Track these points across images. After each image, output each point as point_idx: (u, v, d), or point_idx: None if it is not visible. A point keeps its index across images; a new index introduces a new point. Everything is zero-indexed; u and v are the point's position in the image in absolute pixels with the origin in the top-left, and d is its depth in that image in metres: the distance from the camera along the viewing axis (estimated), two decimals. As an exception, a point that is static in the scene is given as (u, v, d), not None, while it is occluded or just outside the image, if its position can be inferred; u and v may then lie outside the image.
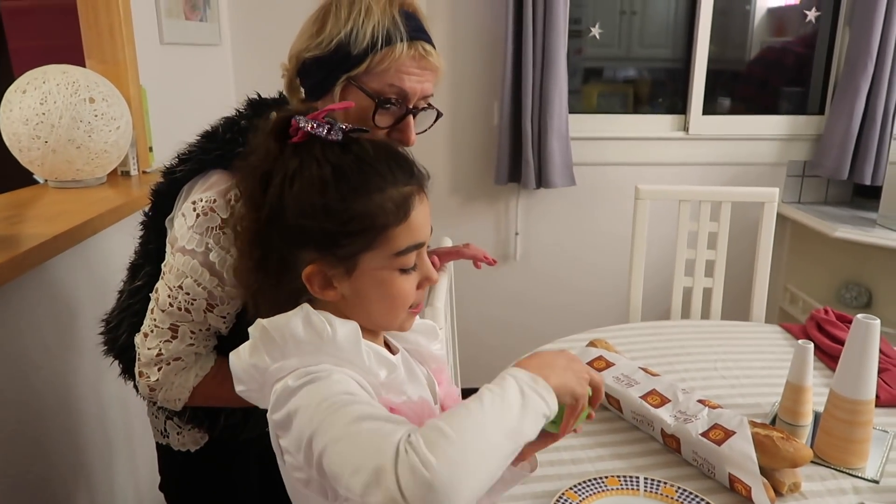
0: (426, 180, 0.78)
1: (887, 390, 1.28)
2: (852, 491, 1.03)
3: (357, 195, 0.71)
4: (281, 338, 0.70)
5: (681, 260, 1.88)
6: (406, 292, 0.76)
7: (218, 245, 0.95)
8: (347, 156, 0.72)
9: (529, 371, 0.68)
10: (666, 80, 2.79)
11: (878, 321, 1.06)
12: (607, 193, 2.62)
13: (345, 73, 0.99)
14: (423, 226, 0.75)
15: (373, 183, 0.72)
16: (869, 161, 2.44)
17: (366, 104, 1.00)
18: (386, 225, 0.72)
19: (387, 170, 0.73)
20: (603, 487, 1.01)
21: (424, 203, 0.76)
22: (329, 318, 0.71)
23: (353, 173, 0.72)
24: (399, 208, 0.73)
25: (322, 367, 0.68)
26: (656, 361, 1.43)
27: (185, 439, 1.10)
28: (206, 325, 0.98)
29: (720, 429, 1.05)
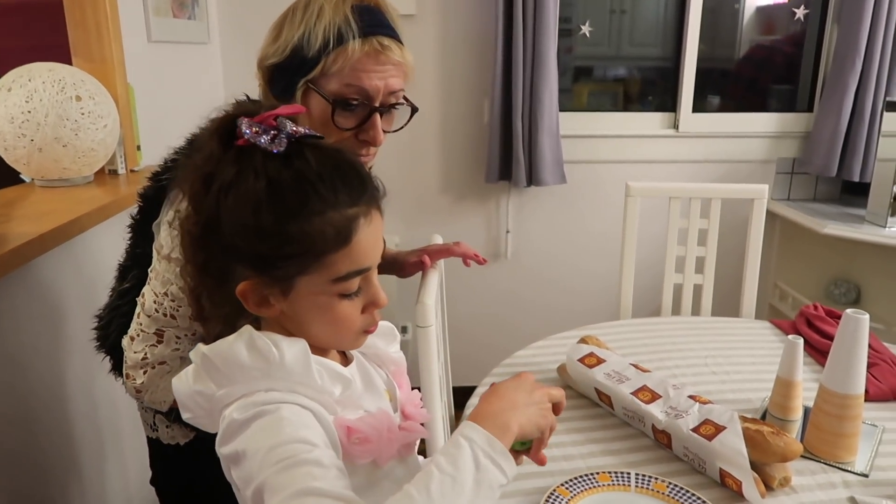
0: (379, 198, 0.72)
1: (876, 385, 1.29)
2: (842, 485, 1.03)
3: (292, 217, 0.66)
4: (224, 364, 0.67)
5: (671, 257, 1.88)
6: (349, 317, 0.72)
7: None
8: (287, 171, 0.66)
9: (488, 423, 0.66)
10: (656, 78, 2.80)
11: (867, 316, 1.07)
12: (598, 191, 2.62)
13: (302, 77, 0.97)
14: (368, 250, 0.70)
15: (311, 204, 0.66)
16: (857, 158, 2.45)
17: (323, 106, 0.99)
18: (324, 250, 0.67)
19: (329, 190, 0.67)
20: (594, 483, 1.01)
21: (374, 224, 0.71)
22: (275, 340, 0.68)
23: (290, 192, 0.66)
24: (339, 233, 0.67)
25: (270, 398, 0.65)
26: (647, 358, 1.43)
27: (174, 433, 1.10)
28: (192, 330, 0.97)
29: (711, 424, 1.05)
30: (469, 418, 0.69)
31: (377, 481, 0.74)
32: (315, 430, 0.65)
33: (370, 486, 0.73)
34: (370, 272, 0.72)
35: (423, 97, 2.51)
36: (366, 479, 0.72)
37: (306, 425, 0.65)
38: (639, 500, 0.99)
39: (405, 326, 2.64)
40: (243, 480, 0.63)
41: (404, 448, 0.78)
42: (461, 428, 0.67)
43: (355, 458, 0.70)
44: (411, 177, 2.59)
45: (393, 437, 0.74)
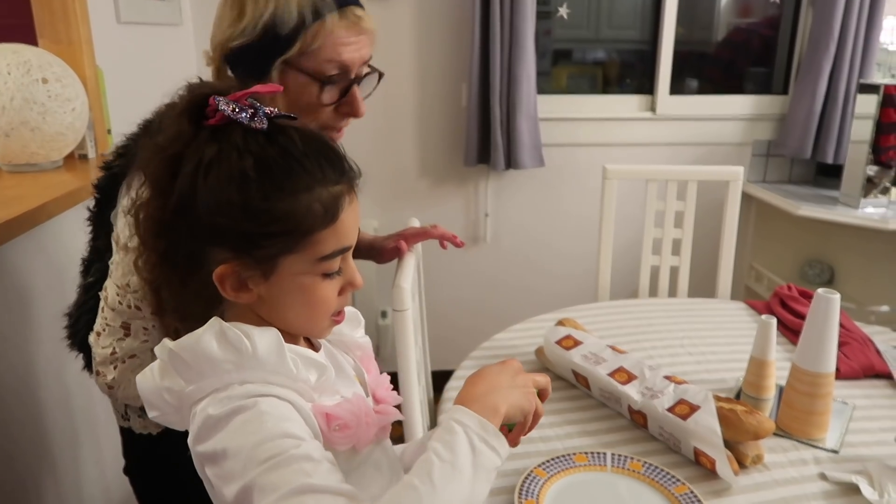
0: (357, 178, 0.71)
1: (847, 363, 1.31)
2: (813, 462, 1.05)
3: (282, 194, 0.64)
4: (193, 358, 0.64)
5: (648, 239, 1.90)
6: (328, 299, 0.71)
7: None
8: (272, 147, 0.65)
9: (477, 406, 0.67)
10: (634, 61, 2.80)
11: (837, 295, 1.08)
12: (576, 174, 2.63)
13: (278, 56, 0.94)
14: (351, 229, 0.70)
15: (300, 181, 0.65)
16: (831, 140, 2.48)
17: (307, 85, 0.97)
18: (312, 228, 0.66)
19: (316, 166, 0.66)
20: (571, 464, 1.02)
21: (354, 204, 0.70)
22: (246, 331, 0.66)
23: (278, 168, 0.64)
24: (327, 210, 0.66)
25: (246, 391, 0.63)
26: (624, 339, 1.44)
27: (147, 423, 1.08)
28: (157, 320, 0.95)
29: (686, 404, 1.06)
30: (456, 402, 0.69)
31: (357, 466, 0.73)
32: (297, 422, 0.64)
33: (350, 471, 0.72)
34: (349, 252, 0.72)
35: (399, 81, 2.49)
36: (346, 465, 0.71)
37: (288, 418, 0.63)
38: (615, 479, 1.00)
39: (384, 311, 2.63)
40: (223, 479, 0.61)
41: (380, 431, 0.78)
42: (452, 412, 0.67)
43: (335, 444, 0.69)
44: (389, 161, 2.57)
45: (370, 422, 0.73)
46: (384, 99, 2.49)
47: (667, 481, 0.98)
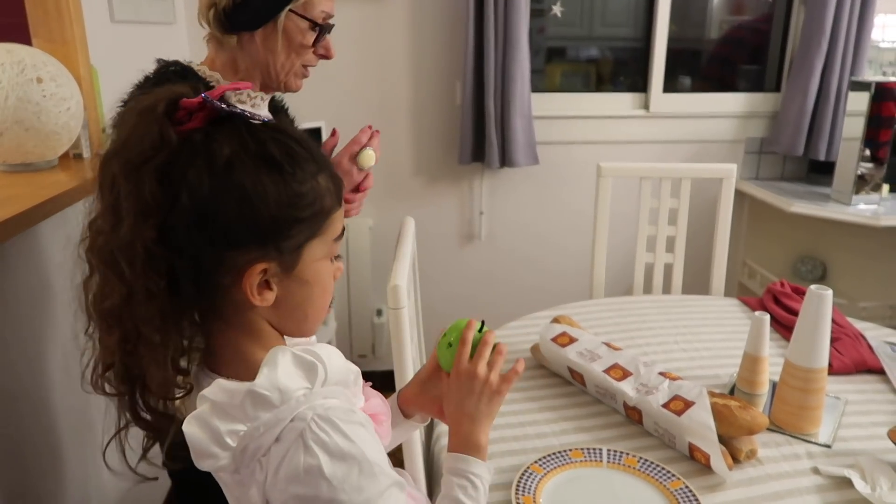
0: None
1: (839, 359, 1.32)
2: (806, 456, 1.06)
3: (306, 175, 0.66)
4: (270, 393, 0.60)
5: (642, 236, 1.91)
6: (331, 286, 0.73)
7: None
8: (282, 135, 0.66)
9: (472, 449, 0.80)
10: (627, 59, 2.80)
11: (830, 291, 1.09)
12: (570, 172, 2.63)
13: (288, 3, 1.12)
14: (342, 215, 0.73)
15: (314, 163, 0.68)
16: (823, 137, 2.49)
17: (306, 30, 1.15)
18: (331, 207, 0.69)
19: (315, 150, 0.69)
20: (567, 460, 1.03)
21: None
22: (313, 352, 0.64)
23: (297, 153, 0.66)
24: (337, 189, 0.71)
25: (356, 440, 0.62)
26: (619, 336, 1.45)
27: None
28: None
29: (680, 400, 1.07)
30: (455, 449, 0.80)
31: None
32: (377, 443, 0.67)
33: None
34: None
35: (394, 79, 2.49)
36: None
37: (378, 448, 0.67)
38: (611, 475, 1.01)
39: (380, 309, 2.64)
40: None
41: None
42: (468, 465, 0.78)
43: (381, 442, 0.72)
44: (384, 159, 2.56)
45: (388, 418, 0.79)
46: (379, 97, 2.49)
47: (662, 476, 0.99)
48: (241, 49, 1.18)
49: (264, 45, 1.16)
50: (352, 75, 2.44)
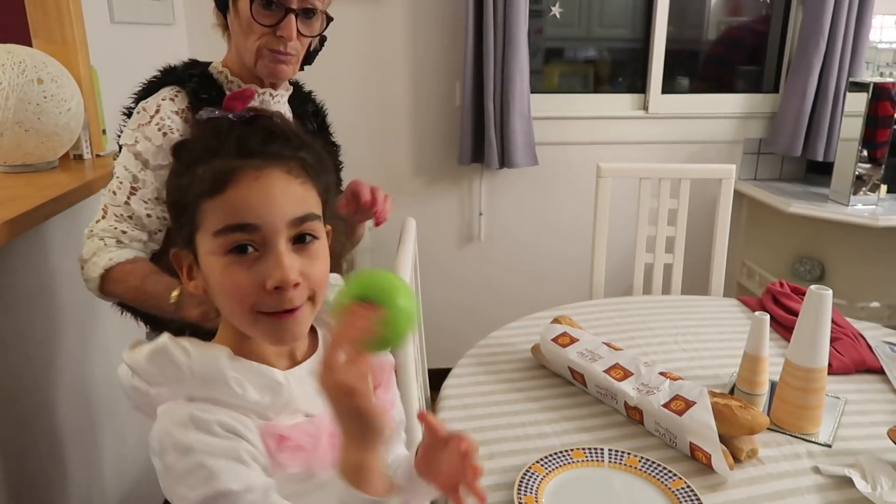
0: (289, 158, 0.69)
1: (839, 358, 1.33)
2: (807, 455, 1.07)
3: (182, 167, 0.70)
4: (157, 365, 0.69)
5: (642, 237, 1.91)
6: (239, 286, 0.66)
7: (144, 137, 1.11)
8: (204, 127, 0.71)
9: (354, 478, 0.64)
10: (626, 59, 2.81)
11: (829, 291, 1.10)
12: (569, 172, 2.64)
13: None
14: (255, 206, 0.66)
15: (201, 153, 0.69)
16: (821, 138, 2.50)
17: (245, 4, 1.12)
18: (197, 198, 0.67)
19: (220, 141, 0.68)
20: (569, 460, 1.03)
21: (267, 182, 0.67)
22: (187, 347, 0.68)
23: (187, 145, 0.72)
24: (216, 180, 0.66)
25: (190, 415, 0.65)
26: (619, 336, 1.45)
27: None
28: (129, 210, 1.11)
29: (681, 399, 1.08)
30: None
31: (315, 489, 0.71)
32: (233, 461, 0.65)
33: (305, 494, 0.70)
34: (269, 238, 0.67)
35: (393, 80, 2.49)
36: (299, 486, 0.69)
37: (227, 463, 0.64)
38: (612, 475, 1.01)
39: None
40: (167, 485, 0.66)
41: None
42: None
43: (285, 465, 0.69)
44: (383, 160, 2.57)
45: (335, 444, 0.67)
46: (379, 97, 2.49)
47: (663, 476, 0.99)
48: (230, 36, 1.19)
49: (233, 26, 1.17)
50: (352, 76, 2.45)
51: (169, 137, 1.11)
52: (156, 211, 1.12)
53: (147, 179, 1.11)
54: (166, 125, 1.12)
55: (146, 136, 1.11)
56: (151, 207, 1.12)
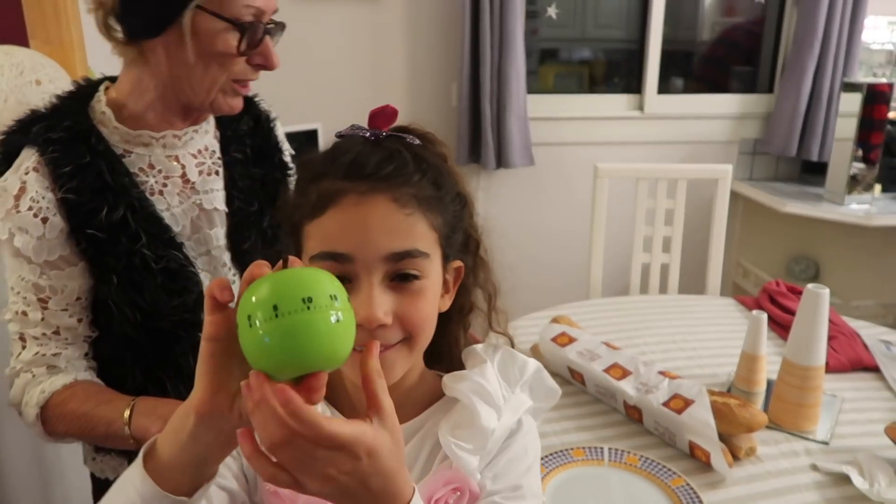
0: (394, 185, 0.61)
1: (836, 357, 1.34)
2: (804, 453, 1.07)
3: (301, 185, 0.66)
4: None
5: (639, 237, 1.92)
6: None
7: (17, 228, 0.86)
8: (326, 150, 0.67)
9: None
10: (621, 60, 2.82)
11: (827, 290, 1.11)
12: (565, 172, 2.65)
13: (191, 0, 0.85)
14: (348, 235, 0.60)
15: (312, 172, 0.64)
16: (816, 138, 2.51)
17: (223, 32, 0.87)
18: (303, 217, 0.63)
19: (331, 161, 0.63)
20: (569, 459, 1.03)
21: (372, 211, 0.60)
22: None
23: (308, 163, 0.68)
24: (318, 202, 0.61)
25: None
26: (617, 336, 1.46)
27: (102, 465, 1.02)
28: (51, 326, 0.89)
29: (680, 398, 1.08)
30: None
31: None
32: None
33: None
34: (361, 271, 0.60)
35: (390, 81, 2.50)
36: None
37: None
38: (612, 473, 1.02)
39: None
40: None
41: None
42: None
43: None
44: (380, 160, 2.57)
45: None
46: (374, 98, 2.49)
47: (663, 474, 1.00)
48: (145, 63, 0.90)
49: (171, 56, 0.88)
50: (348, 77, 2.45)
51: (52, 223, 0.86)
52: (81, 312, 0.92)
53: (54, 284, 0.88)
54: (42, 207, 0.86)
55: (20, 227, 0.86)
56: (76, 311, 0.91)
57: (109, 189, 0.89)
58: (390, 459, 0.51)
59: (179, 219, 0.96)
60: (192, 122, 0.98)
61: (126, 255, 0.89)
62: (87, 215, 0.88)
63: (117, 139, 0.93)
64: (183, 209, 0.97)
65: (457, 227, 0.70)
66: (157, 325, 0.92)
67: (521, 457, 0.69)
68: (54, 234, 0.87)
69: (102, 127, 0.92)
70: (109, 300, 0.90)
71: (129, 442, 0.84)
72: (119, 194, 0.89)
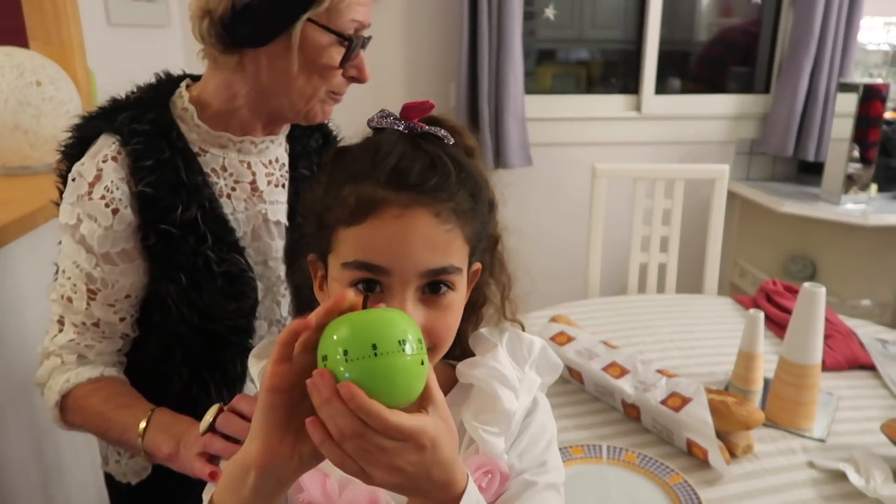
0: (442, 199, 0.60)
1: (832, 355, 1.35)
2: (801, 450, 1.08)
3: (333, 184, 0.63)
4: None
5: (636, 237, 1.93)
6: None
7: (87, 214, 0.85)
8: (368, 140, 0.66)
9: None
10: (618, 61, 2.83)
11: (823, 289, 1.12)
12: (563, 173, 2.66)
13: (304, 11, 0.84)
14: (387, 248, 0.59)
15: (349, 172, 0.62)
16: (812, 138, 2.53)
17: (330, 46, 0.87)
18: (338, 220, 0.61)
19: (371, 163, 0.61)
20: (567, 456, 1.04)
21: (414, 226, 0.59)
22: None
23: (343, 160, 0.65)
24: (357, 209, 0.59)
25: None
26: (615, 335, 1.47)
27: (125, 468, 0.99)
28: (93, 317, 0.89)
29: (678, 396, 1.09)
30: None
31: None
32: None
33: None
34: (396, 285, 0.59)
35: (388, 82, 2.50)
36: None
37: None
38: (610, 471, 1.02)
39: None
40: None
41: None
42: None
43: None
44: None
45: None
46: (373, 99, 2.49)
47: (661, 472, 1.00)
48: (241, 70, 0.89)
49: (273, 65, 0.88)
50: (346, 78, 2.46)
51: (122, 215, 0.85)
52: (127, 309, 0.91)
53: (107, 278, 0.87)
54: (115, 198, 0.85)
55: (89, 214, 0.85)
56: (122, 308, 0.91)
57: (184, 187, 0.88)
58: (450, 449, 0.52)
59: (243, 225, 0.95)
60: (271, 131, 0.98)
61: (192, 255, 0.89)
62: (162, 211, 0.87)
63: (195, 137, 0.92)
64: (247, 216, 0.96)
65: (485, 233, 0.71)
66: (211, 327, 0.92)
67: (541, 433, 0.72)
68: (122, 226, 0.86)
69: (182, 123, 0.92)
70: (169, 299, 0.89)
71: (139, 453, 0.84)
72: (192, 193, 0.89)
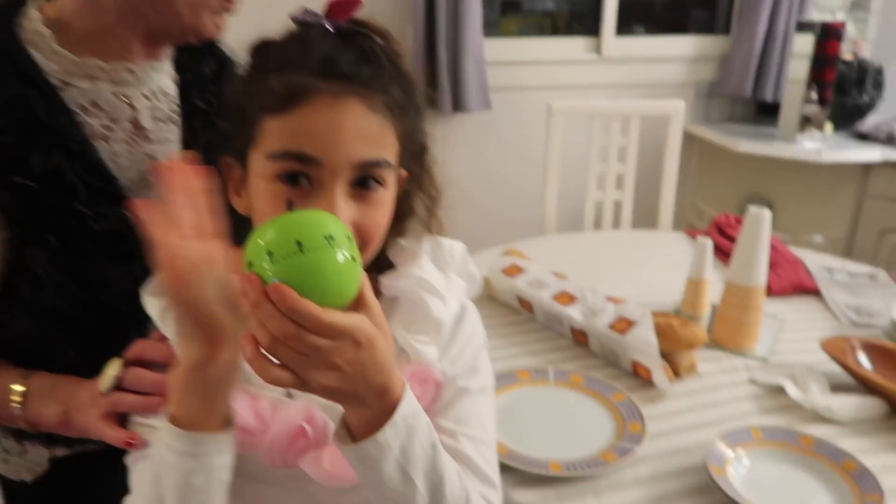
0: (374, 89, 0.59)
1: (778, 281, 1.37)
2: (744, 369, 1.10)
3: (257, 73, 0.62)
4: None
5: (592, 174, 1.92)
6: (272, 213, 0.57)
7: None
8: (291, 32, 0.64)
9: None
10: (585, 12, 2.79)
11: (768, 212, 1.12)
12: (522, 117, 2.62)
13: None
14: (319, 137, 0.57)
15: (275, 61, 0.60)
16: (770, 78, 2.53)
17: None
18: (263, 110, 0.59)
19: (300, 52, 0.59)
20: (514, 380, 1.05)
21: (347, 114, 0.58)
22: None
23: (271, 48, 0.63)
24: (287, 97, 0.57)
25: None
26: (569, 269, 1.46)
27: (17, 466, 0.86)
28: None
29: (625, 320, 1.10)
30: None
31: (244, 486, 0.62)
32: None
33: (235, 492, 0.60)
34: (326, 176, 0.58)
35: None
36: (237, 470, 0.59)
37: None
38: (557, 392, 1.03)
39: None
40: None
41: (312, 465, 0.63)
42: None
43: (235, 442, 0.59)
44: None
45: (291, 446, 0.61)
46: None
47: (605, 391, 1.01)
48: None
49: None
50: (299, 20, 2.38)
51: None
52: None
53: None
54: None
55: None
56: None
57: (43, 129, 0.72)
58: (386, 352, 0.52)
59: (126, 171, 0.79)
60: (151, 55, 0.82)
61: (61, 213, 0.73)
62: (14, 161, 0.71)
63: (55, 67, 0.75)
64: (131, 160, 0.80)
65: (414, 136, 0.69)
66: (97, 298, 0.77)
67: (470, 338, 0.72)
68: None
69: (36, 51, 0.74)
70: (39, 268, 0.74)
71: (18, 423, 0.74)
72: (54, 136, 0.73)
